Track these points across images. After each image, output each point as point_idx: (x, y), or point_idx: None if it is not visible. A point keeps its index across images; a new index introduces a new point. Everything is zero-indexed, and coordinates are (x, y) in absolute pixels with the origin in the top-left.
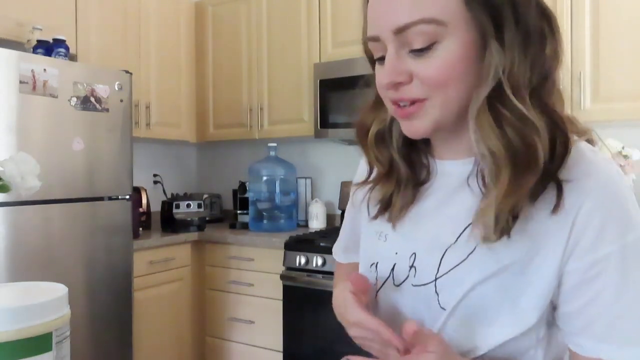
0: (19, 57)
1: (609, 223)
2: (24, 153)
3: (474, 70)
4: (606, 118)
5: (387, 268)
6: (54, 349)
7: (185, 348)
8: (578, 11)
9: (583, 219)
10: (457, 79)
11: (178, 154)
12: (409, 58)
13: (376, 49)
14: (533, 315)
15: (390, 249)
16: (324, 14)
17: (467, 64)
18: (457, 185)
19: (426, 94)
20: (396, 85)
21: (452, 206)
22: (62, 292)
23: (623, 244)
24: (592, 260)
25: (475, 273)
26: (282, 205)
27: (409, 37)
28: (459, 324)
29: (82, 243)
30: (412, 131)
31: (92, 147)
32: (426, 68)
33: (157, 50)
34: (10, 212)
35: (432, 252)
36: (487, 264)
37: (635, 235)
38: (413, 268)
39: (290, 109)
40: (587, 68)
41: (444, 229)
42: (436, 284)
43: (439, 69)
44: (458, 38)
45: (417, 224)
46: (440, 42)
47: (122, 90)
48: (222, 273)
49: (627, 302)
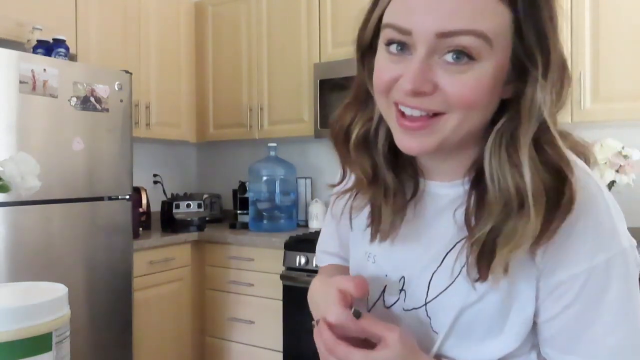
0: (19, 57)
1: (579, 243)
2: (24, 153)
3: (497, 98)
4: (606, 118)
5: (378, 290)
6: (54, 349)
7: (185, 348)
8: (578, 11)
9: (555, 238)
10: (482, 103)
11: (178, 154)
12: (438, 67)
13: (395, 39)
14: (523, 330)
15: (379, 272)
16: (324, 14)
17: (495, 90)
18: (442, 208)
19: (446, 109)
20: (417, 94)
21: (435, 229)
22: (62, 292)
23: (592, 265)
24: (559, 280)
25: (462, 297)
26: (282, 205)
27: (449, 46)
28: (454, 345)
29: (82, 243)
30: (411, 147)
31: (92, 147)
32: (456, 84)
33: (157, 50)
34: (10, 212)
35: (420, 276)
36: (471, 291)
37: (607, 256)
38: (403, 292)
39: (290, 109)
40: (587, 68)
41: (429, 252)
42: (427, 308)
43: (471, 89)
44: (496, 60)
45: (404, 245)
46: (479, 61)
47: (122, 90)
48: (222, 273)
49: (591, 319)
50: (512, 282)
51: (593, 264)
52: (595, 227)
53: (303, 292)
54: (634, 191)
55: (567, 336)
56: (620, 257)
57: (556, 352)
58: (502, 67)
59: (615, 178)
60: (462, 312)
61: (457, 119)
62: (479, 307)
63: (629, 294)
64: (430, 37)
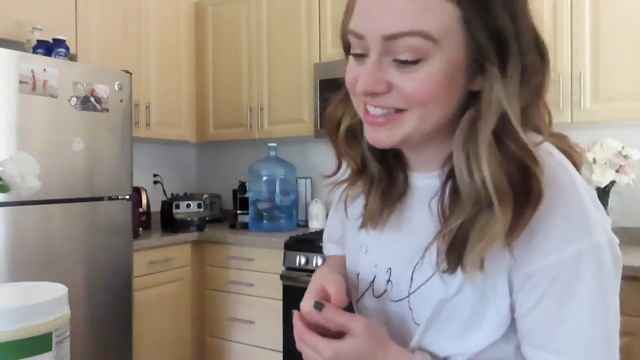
0: (19, 57)
1: (549, 235)
2: (24, 153)
3: (457, 92)
4: (606, 118)
5: (368, 280)
6: (54, 349)
7: (185, 348)
8: (578, 11)
9: (527, 231)
10: (437, 98)
11: (178, 154)
12: (391, 67)
13: (356, 44)
14: (501, 324)
15: (370, 262)
16: (324, 14)
17: (451, 85)
18: (423, 200)
19: (406, 106)
20: (372, 94)
21: (418, 220)
22: (62, 292)
23: (561, 257)
24: (530, 272)
25: (440, 291)
26: (282, 205)
27: (397, 47)
28: (434, 337)
29: (82, 243)
30: (377, 140)
31: (92, 147)
32: (408, 82)
33: (157, 50)
34: (10, 212)
35: (404, 268)
36: (448, 285)
37: (577, 248)
38: (390, 282)
39: (290, 109)
40: (587, 68)
41: (411, 245)
42: (409, 299)
43: (421, 86)
44: (446, 57)
45: (391, 236)
46: (427, 60)
47: (122, 90)
48: (222, 273)
49: (564, 315)
50: (488, 275)
51: (562, 256)
52: (566, 219)
53: (303, 292)
54: (634, 191)
55: (541, 332)
56: (592, 251)
57: (531, 348)
58: (457, 62)
59: (615, 178)
60: (441, 305)
61: (417, 115)
62: (456, 300)
63: (601, 289)
64: (378, 41)
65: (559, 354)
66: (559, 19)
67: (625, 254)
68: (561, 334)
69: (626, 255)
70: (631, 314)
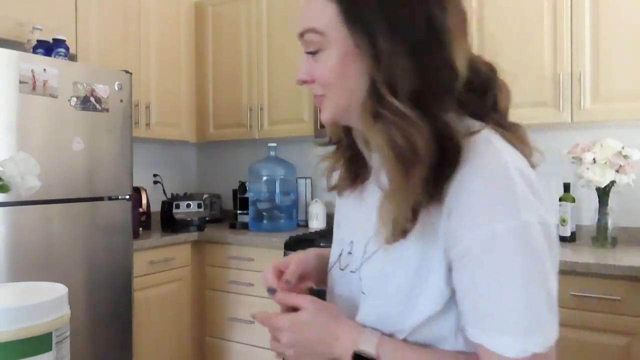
0: (19, 57)
1: (474, 212)
2: (24, 153)
3: (358, 77)
4: (606, 118)
5: (337, 253)
6: (54, 349)
7: (185, 348)
8: (578, 11)
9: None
10: (339, 82)
11: (178, 154)
12: (310, 60)
13: None
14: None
15: (339, 236)
16: None
17: (346, 71)
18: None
19: (323, 91)
20: (303, 83)
21: (371, 197)
22: (62, 292)
23: (486, 234)
24: (458, 251)
25: (385, 264)
26: (282, 205)
27: (305, 42)
28: (379, 308)
29: (82, 243)
30: (322, 119)
31: (92, 147)
32: (316, 70)
33: (157, 50)
34: (10, 212)
35: (361, 241)
36: (392, 258)
37: (502, 227)
38: (350, 255)
39: (290, 109)
40: (587, 68)
41: (368, 219)
42: (360, 271)
43: (323, 72)
44: (336, 48)
45: (356, 212)
46: (323, 50)
47: (122, 90)
48: (222, 273)
49: (497, 293)
50: (423, 250)
51: (487, 233)
52: (491, 198)
53: None
54: (634, 191)
55: (475, 312)
56: (519, 230)
57: (474, 329)
58: (346, 51)
59: (615, 178)
60: (382, 276)
61: (330, 97)
62: (396, 271)
63: (528, 269)
64: (299, 39)
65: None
66: (559, 19)
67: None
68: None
69: (626, 255)
70: (631, 314)
